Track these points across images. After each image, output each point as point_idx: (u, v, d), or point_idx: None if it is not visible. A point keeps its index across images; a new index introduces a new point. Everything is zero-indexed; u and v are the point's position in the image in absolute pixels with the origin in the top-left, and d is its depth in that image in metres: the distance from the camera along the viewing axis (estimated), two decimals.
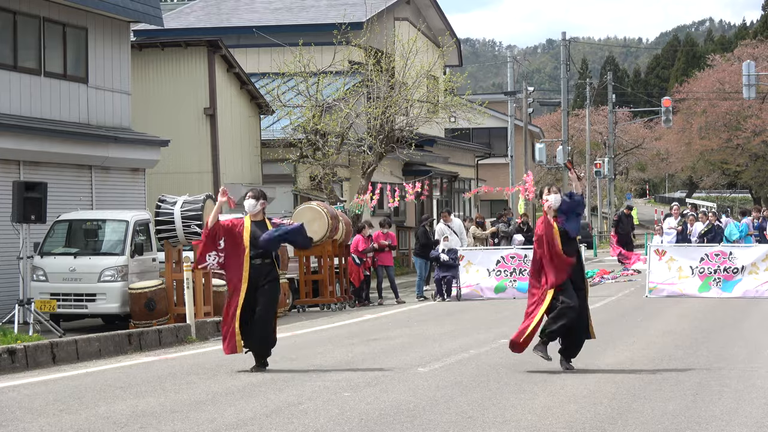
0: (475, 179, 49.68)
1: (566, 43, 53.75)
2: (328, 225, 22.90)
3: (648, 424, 8.66)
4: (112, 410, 9.77)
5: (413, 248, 31.49)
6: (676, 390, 10.34)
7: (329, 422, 8.93)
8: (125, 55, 24.65)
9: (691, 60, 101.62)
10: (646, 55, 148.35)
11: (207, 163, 28.19)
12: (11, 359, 13.22)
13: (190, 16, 40.64)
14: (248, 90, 30.34)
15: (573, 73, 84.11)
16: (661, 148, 79.76)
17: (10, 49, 21.53)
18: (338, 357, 13.83)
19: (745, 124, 66.72)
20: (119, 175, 23.90)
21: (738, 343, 14.69)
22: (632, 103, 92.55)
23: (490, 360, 13.00)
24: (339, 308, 23.35)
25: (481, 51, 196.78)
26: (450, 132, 44.03)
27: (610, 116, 67.75)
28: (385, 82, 30.27)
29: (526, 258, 24.44)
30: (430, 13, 43.08)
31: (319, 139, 29.51)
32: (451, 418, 9.02)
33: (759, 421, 8.78)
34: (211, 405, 9.94)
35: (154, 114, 27.23)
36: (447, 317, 20.22)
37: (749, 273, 22.94)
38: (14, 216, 17.58)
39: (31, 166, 21.33)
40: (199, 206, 18.85)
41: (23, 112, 21.55)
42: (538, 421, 8.83)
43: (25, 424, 9.19)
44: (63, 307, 18.52)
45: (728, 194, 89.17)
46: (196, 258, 12.87)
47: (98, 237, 19.89)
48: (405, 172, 38.27)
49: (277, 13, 40.02)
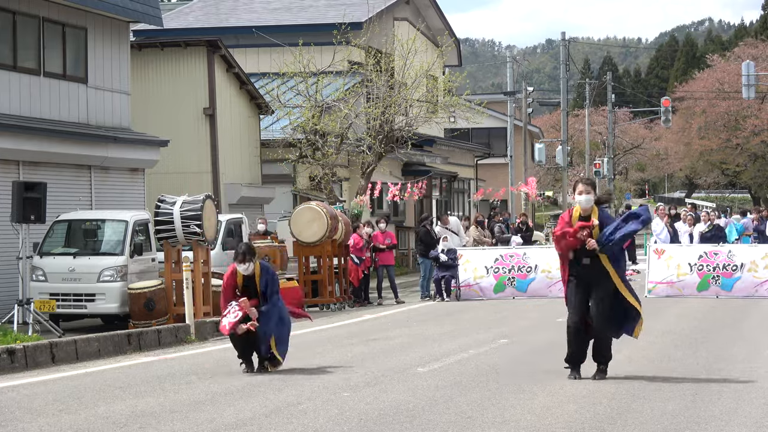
0: (475, 179, 49.68)
1: (566, 44, 53.73)
2: (327, 225, 22.90)
3: (647, 424, 8.65)
4: (112, 410, 9.77)
5: (414, 248, 31.50)
6: (675, 390, 10.33)
7: (328, 422, 8.93)
8: (125, 55, 24.64)
9: (690, 60, 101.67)
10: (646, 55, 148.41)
11: (206, 163, 28.19)
12: (11, 359, 13.22)
13: (190, 16, 40.63)
14: (248, 90, 30.34)
15: (573, 73, 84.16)
16: (661, 148, 79.80)
17: (9, 49, 21.53)
18: (337, 357, 13.83)
19: (744, 124, 66.73)
20: (119, 175, 23.89)
21: (738, 343, 14.69)
22: (632, 103, 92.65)
23: (489, 360, 13.00)
24: (338, 308, 23.35)
25: (481, 51, 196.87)
26: (449, 132, 44.02)
27: (609, 116, 67.79)
28: (384, 82, 30.27)
29: (525, 256, 24.46)
30: (429, 13, 43.08)
31: (319, 139, 29.50)
32: (450, 418, 9.02)
33: (758, 421, 8.77)
34: (210, 405, 9.94)
35: (153, 114, 27.23)
36: (446, 317, 20.22)
37: (748, 270, 22.97)
38: (14, 216, 17.58)
39: (31, 166, 21.32)
40: (198, 206, 18.84)
41: (23, 112, 21.55)
42: (537, 421, 8.82)
43: (25, 424, 9.19)
44: (62, 307, 18.51)
45: (728, 194, 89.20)
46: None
47: (97, 237, 19.89)
48: (404, 172, 38.26)
49: (277, 13, 40.02)
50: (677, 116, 69.80)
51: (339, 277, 24.33)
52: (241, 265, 12.52)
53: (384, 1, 38.66)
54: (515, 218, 36.48)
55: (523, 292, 24.09)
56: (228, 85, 29.33)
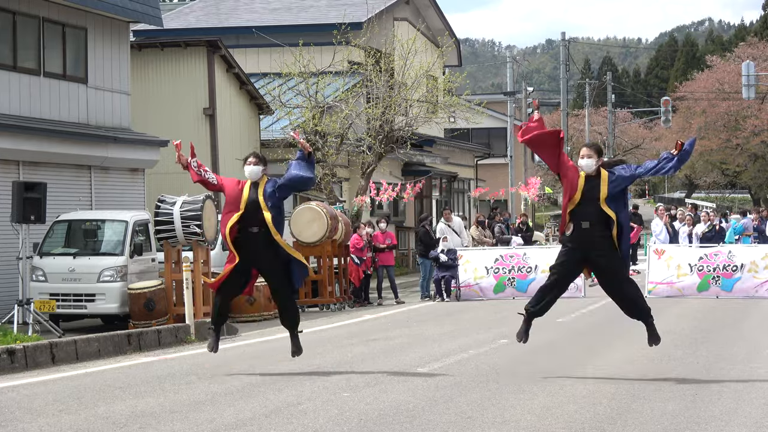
0: (475, 179, 49.67)
1: (566, 44, 53.73)
2: (327, 225, 22.90)
3: (647, 424, 8.65)
4: (112, 410, 9.76)
5: (414, 248, 31.50)
6: (675, 390, 10.33)
7: (328, 422, 8.92)
8: (125, 55, 24.65)
9: (690, 60, 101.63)
10: (646, 55, 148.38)
11: (206, 164, 28.15)
12: (10, 359, 13.22)
13: (190, 16, 40.64)
14: (248, 90, 30.34)
15: (573, 74, 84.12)
16: (661, 148, 79.71)
17: (9, 49, 21.54)
18: (337, 357, 13.83)
19: (744, 124, 66.71)
20: (119, 175, 23.90)
21: (738, 343, 14.68)
22: (632, 103, 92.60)
23: (489, 360, 12.99)
24: (338, 308, 23.35)
25: (481, 51, 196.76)
26: (449, 132, 44.02)
27: (609, 116, 67.79)
28: (384, 83, 30.27)
29: (525, 256, 24.46)
30: (429, 13, 43.08)
31: (319, 140, 29.50)
32: (450, 418, 9.02)
33: (758, 421, 8.77)
34: (210, 405, 9.93)
35: (153, 114, 27.23)
36: (446, 317, 20.21)
37: (748, 271, 22.97)
38: (14, 216, 17.58)
39: (31, 167, 21.33)
40: (198, 206, 18.85)
41: (23, 112, 21.56)
42: (537, 422, 8.82)
43: (25, 424, 9.18)
44: (62, 308, 18.52)
45: (728, 194, 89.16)
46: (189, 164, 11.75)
47: (97, 237, 19.90)
48: (404, 172, 38.27)
49: (277, 13, 40.03)
50: (677, 116, 69.79)
51: (339, 278, 24.33)
52: (248, 166, 11.39)
53: (384, 2, 38.67)
54: (515, 218, 36.51)
55: (523, 292, 24.07)
56: (228, 85, 29.32)
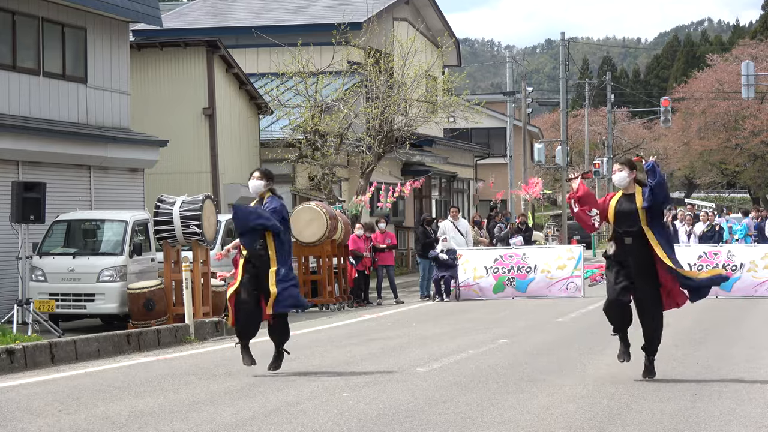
0: (474, 179, 49.68)
1: (565, 44, 53.71)
2: (326, 225, 22.90)
3: (647, 424, 8.65)
4: (111, 410, 9.76)
5: (413, 248, 31.50)
6: (675, 390, 10.33)
7: (328, 422, 8.92)
8: (124, 56, 24.64)
9: (690, 60, 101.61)
10: (645, 55, 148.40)
11: (206, 164, 28.18)
12: (10, 359, 13.22)
13: (189, 16, 40.63)
14: (247, 90, 30.33)
15: (572, 73, 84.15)
16: (660, 148, 79.78)
17: (9, 49, 21.52)
18: (337, 357, 13.83)
19: (743, 124, 66.73)
20: (118, 175, 23.89)
21: (738, 343, 14.69)
22: (631, 103, 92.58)
23: (488, 360, 13.00)
24: (338, 308, 23.35)
25: (480, 51, 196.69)
26: (449, 132, 44.03)
27: (609, 116, 67.78)
28: (383, 82, 30.28)
29: (524, 256, 24.47)
30: (428, 12, 43.07)
31: (318, 140, 29.51)
32: (449, 418, 9.02)
33: (758, 422, 8.77)
34: (209, 405, 9.93)
35: (153, 114, 27.22)
36: (446, 317, 20.21)
37: (748, 270, 22.99)
38: (13, 216, 17.57)
39: (30, 166, 21.31)
40: (197, 206, 18.83)
41: (22, 112, 21.54)
42: (536, 422, 8.82)
43: (24, 424, 9.18)
44: (62, 308, 18.50)
45: (727, 194, 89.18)
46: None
47: (97, 237, 19.88)
48: (404, 172, 38.27)
49: (276, 13, 40.02)
50: (677, 116, 69.81)
51: (338, 277, 24.34)
52: (251, 181, 11.58)
53: (383, 2, 38.66)
54: (515, 218, 36.52)
55: (522, 292, 24.11)
56: (227, 85, 29.32)
